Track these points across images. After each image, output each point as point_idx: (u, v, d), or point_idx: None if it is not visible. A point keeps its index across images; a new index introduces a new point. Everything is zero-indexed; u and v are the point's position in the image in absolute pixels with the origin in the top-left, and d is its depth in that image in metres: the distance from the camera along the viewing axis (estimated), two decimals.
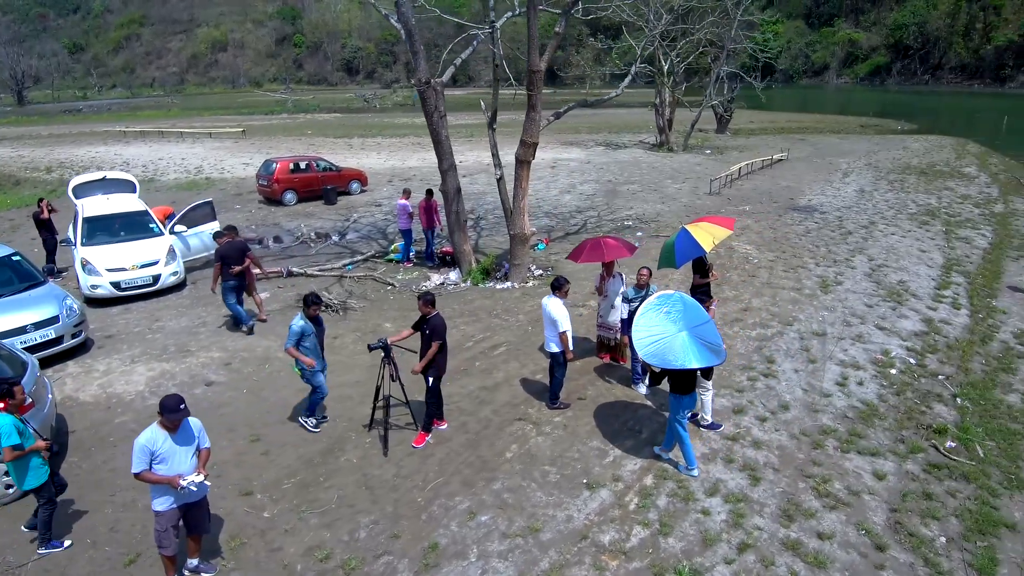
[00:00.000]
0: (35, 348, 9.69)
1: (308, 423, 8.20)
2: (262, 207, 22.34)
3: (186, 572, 6.05)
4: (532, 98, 12.47)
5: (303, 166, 22.99)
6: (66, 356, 10.40)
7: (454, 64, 13.91)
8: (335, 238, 17.43)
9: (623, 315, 9.17)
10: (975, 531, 6.69)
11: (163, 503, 5.67)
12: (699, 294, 10.17)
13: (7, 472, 6.56)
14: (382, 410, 7.80)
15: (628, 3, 21.40)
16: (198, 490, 5.70)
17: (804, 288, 12.89)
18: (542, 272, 14.22)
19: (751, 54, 34.00)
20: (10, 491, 6.94)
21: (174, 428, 5.61)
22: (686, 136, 34.84)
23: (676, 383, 7.18)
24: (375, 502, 6.95)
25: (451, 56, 13.88)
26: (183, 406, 5.48)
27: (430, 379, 7.67)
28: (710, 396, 8.17)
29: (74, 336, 10.38)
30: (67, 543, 6.46)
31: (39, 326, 9.95)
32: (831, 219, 18.45)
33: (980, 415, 8.85)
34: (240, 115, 70.44)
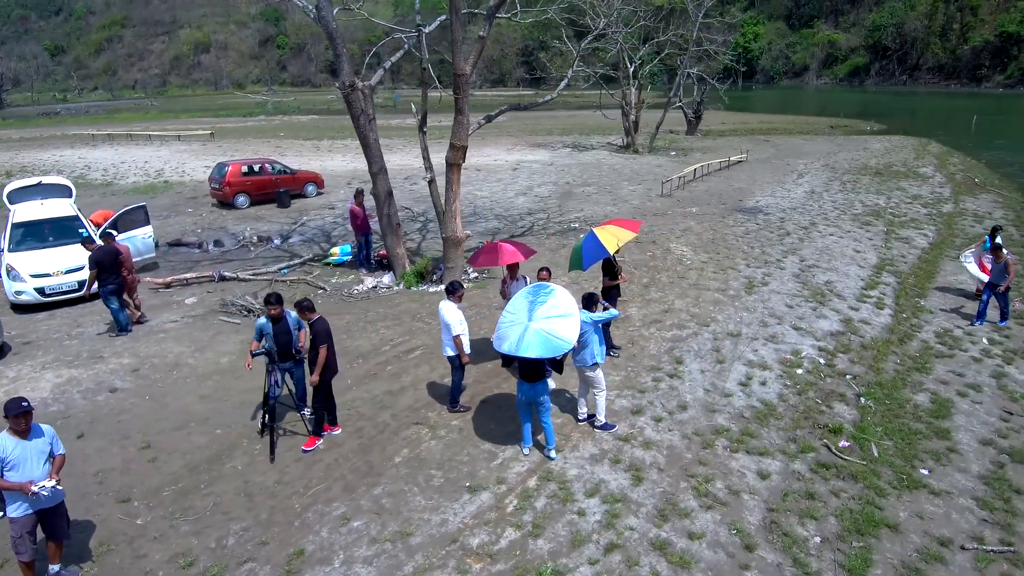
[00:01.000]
0: None
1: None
2: (214, 210, 22.24)
3: None
4: (459, 101, 12.50)
5: (256, 169, 22.91)
6: None
7: (383, 67, 13.91)
8: (277, 241, 17.39)
9: None
10: (853, 531, 6.75)
11: (17, 510, 5.68)
12: (610, 296, 10.26)
13: None
14: (270, 416, 7.77)
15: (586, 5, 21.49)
16: (51, 496, 5.70)
17: (729, 289, 12.99)
18: (477, 275, 14.25)
19: (713, 55, 34.09)
20: None
21: (23, 434, 5.62)
22: (651, 138, 34.99)
23: (521, 369, 7.50)
24: (250, 509, 6.95)
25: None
26: (25, 405, 5.51)
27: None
28: (603, 397, 8.22)
29: None
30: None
31: None
32: (773, 220, 18.60)
33: (883, 414, 8.95)
34: (218, 117, 70.02)
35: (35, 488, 5.54)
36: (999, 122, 48.79)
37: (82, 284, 12.89)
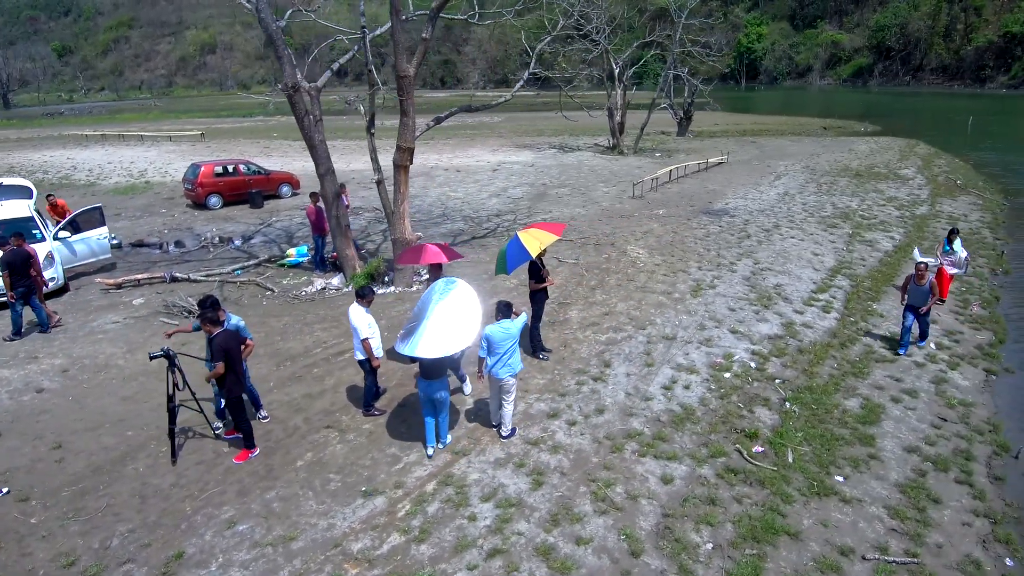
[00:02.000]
0: None
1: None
2: (187, 211, 22.33)
3: None
4: (404, 103, 12.48)
5: (230, 170, 22.99)
6: None
7: (331, 69, 13.93)
8: (237, 242, 17.43)
9: None
10: (748, 538, 6.68)
11: None
12: (537, 299, 10.22)
13: None
14: (170, 419, 7.76)
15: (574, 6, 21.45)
16: None
17: (675, 292, 12.91)
18: (428, 277, 14.20)
19: (697, 57, 33.92)
20: None
21: None
22: (636, 139, 34.88)
23: (420, 365, 7.57)
24: (141, 511, 6.95)
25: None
26: None
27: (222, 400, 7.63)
28: (510, 407, 8.14)
29: None
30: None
31: None
32: (737, 223, 18.48)
33: (807, 419, 8.86)
34: (218, 118, 70.38)
35: None
36: (997, 123, 48.36)
37: None
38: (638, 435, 8.30)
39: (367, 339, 8.13)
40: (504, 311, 7.85)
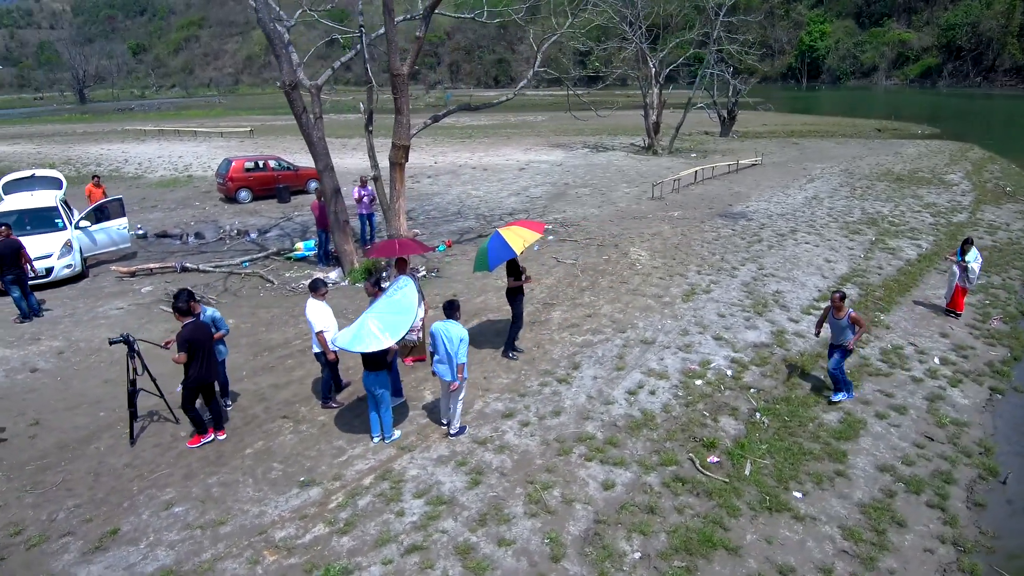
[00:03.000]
0: None
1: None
2: (218, 204, 23.17)
3: None
4: (398, 102, 12.64)
5: (259, 165, 23.73)
6: None
7: (332, 68, 14.22)
8: (252, 235, 17.98)
9: None
10: (681, 550, 6.52)
11: None
12: (514, 297, 10.18)
13: None
14: (128, 400, 8.08)
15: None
16: None
17: (666, 296, 12.63)
18: (425, 273, 14.36)
19: (735, 55, 33.00)
20: None
21: None
22: (671, 139, 34.25)
23: (363, 357, 7.67)
24: (91, 487, 7.28)
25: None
26: None
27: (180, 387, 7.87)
28: (458, 406, 8.14)
29: None
30: None
31: None
32: (752, 227, 17.91)
33: (776, 431, 8.57)
34: (274, 115, 72.52)
35: None
36: None
37: (49, 271, 13.75)
38: (589, 439, 8.18)
39: (321, 332, 8.27)
40: (446, 310, 7.87)
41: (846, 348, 8.96)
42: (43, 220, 14.51)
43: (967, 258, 12.17)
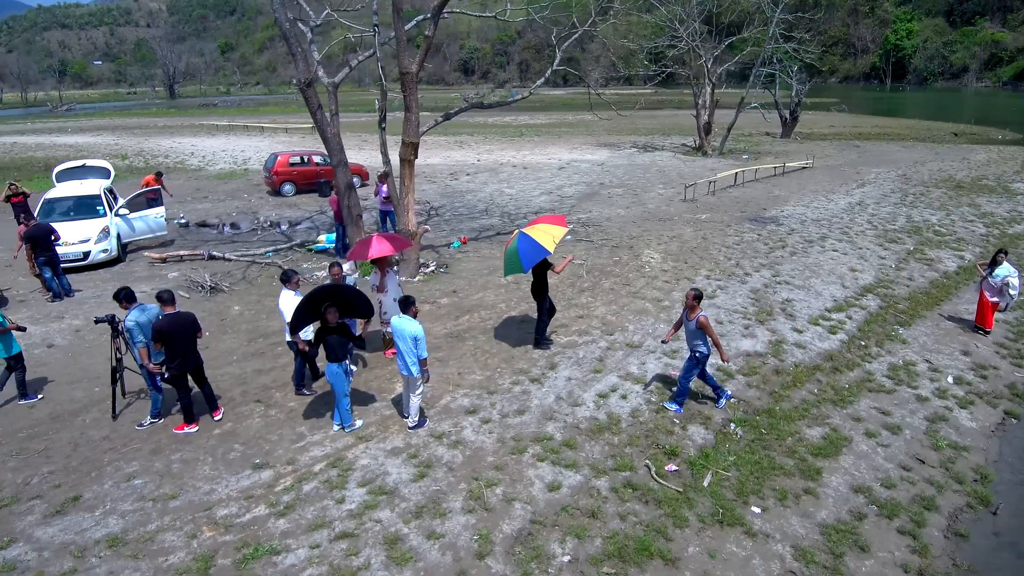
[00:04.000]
0: None
1: None
2: (263, 197, 24.17)
3: None
4: (407, 99, 12.86)
5: (304, 160, 24.59)
6: None
7: (349, 66, 14.58)
8: (283, 227, 18.68)
9: None
10: (614, 556, 6.43)
11: None
12: (541, 295, 10.18)
13: None
14: (111, 378, 8.59)
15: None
16: None
17: (666, 300, 12.34)
18: (434, 268, 14.57)
19: (792, 54, 31.66)
20: None
21: None
22: (722, 139, 33.29)
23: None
24: (68, 456, 7.81)
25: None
26: None
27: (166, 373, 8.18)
28: (416, 400, 8.25)
29: None
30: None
31: None
32: (781, 232, 17.21)
33: (750, 444, 8.29)
34: (345, 113, 74.62)
35: None
36: None
37: (86, 254, 14.74)
38: (547, 439, 8.13)
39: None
40: (401, 306, 7.99)
41: (696, 355, 8.49)
42: (85, 207, 15.55)
43: (997, 272, 11.36)
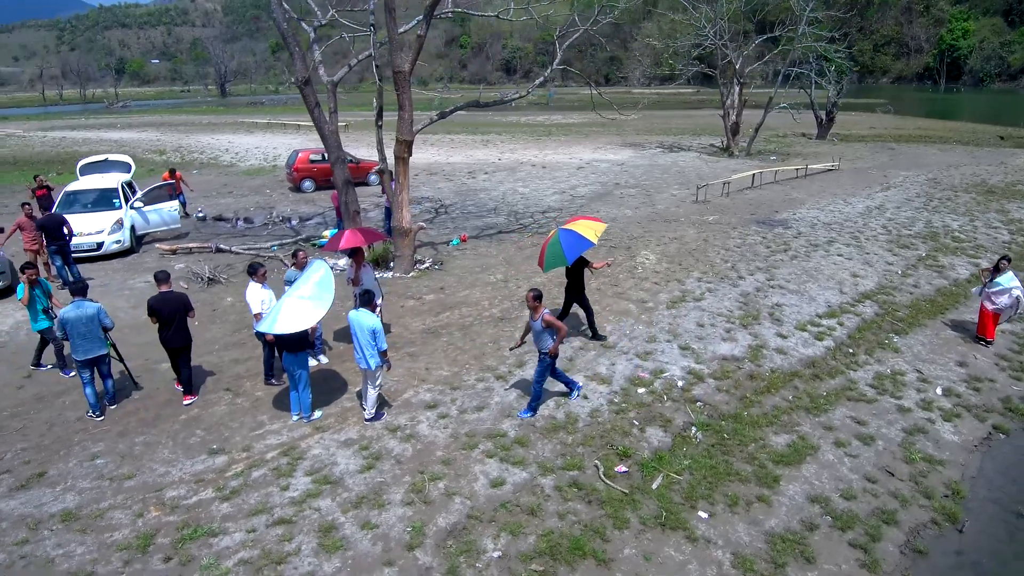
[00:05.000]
0: None
1: None
2: (284, 193, 24.78)
3: None
4: (400, 98, 13.05)
5: (324, 157, 25.03)
6: None
7: (349, 65, 14.84)
8: (293, 222, 19.13)
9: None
10: (545, 554, 6.46)
11: None
12: (579, 293, 10.33)
13: None
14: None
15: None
16: None
17: (650, 302, 12.21)
18: (428, 265, 14.73)
19: (821, 54, 30.76)
20: None
21: None
22: (750, 140, 32.62)
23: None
24: (42, 435, 8.21)
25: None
26: None
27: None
28: (374, 392, 8.39)
29: None
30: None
31: None
32: (787, 235, 16.80)
33: (709, 448, 8.18)
34: (387, 112, 75.79)
35: None
36: None
37: (99, 245, 15.40)
38: (500, 436, 8.18)
39: (259, 314, 8.80)
40: (360, 299, 8.12)
41: (546, 355, 8.28)
42: (102, 199, 16.25)
43: (999, 279, 10.92)
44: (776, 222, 18.29)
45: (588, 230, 9.73)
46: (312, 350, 8.85)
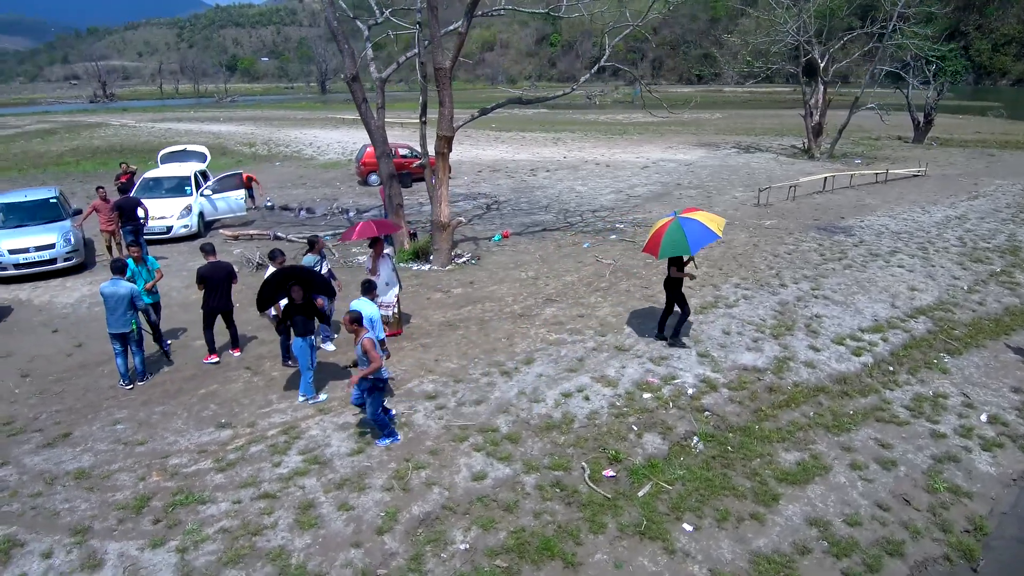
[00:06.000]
0: (33, 264, 13.52)
1: None
2: (352, 186, 25.74)
3: None
4: (441, 95, 13.28)
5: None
6: (63, 273, 14.20)
7: (397, 62, 15.20)
8: (351, 213, 19.85)
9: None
10: (512, 551, 6.49)
11: None
12: (675, 288, 10.21)
13: None
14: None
15: None
16: None
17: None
18: (466, 259, 14.92)
19: (921, 54, 28.55)
20: None
21: None
22: (833, 142, 30.84)
23: None
24: (77, 399, 8.98)
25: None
26: None
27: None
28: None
29: (66, 260, 14.07)
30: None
31: (40, 249, 13.78)
32: (846, 243, 15.77)
33: (708, 460, 7.92)
34: (466, 108, 77.23)
35: None
36: None
37: (169, 229, 16.57)
38: (492, 431, 8.21)
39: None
40: (362, 289, 8.37)
41: (373, 381, 7.55)
42: (176, 186, 17.47)
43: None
44: (838, 229, 17.25)
45: (712, 223, 9.41)
46: (315, 335, 9.15)
